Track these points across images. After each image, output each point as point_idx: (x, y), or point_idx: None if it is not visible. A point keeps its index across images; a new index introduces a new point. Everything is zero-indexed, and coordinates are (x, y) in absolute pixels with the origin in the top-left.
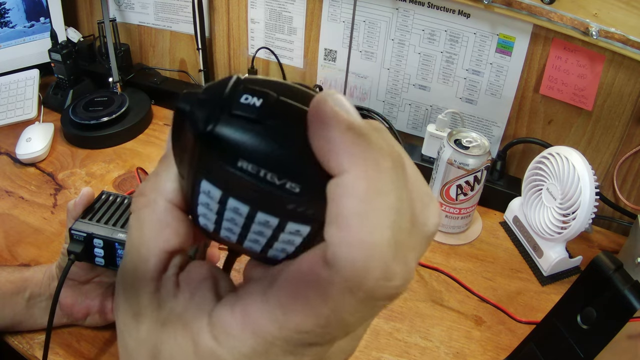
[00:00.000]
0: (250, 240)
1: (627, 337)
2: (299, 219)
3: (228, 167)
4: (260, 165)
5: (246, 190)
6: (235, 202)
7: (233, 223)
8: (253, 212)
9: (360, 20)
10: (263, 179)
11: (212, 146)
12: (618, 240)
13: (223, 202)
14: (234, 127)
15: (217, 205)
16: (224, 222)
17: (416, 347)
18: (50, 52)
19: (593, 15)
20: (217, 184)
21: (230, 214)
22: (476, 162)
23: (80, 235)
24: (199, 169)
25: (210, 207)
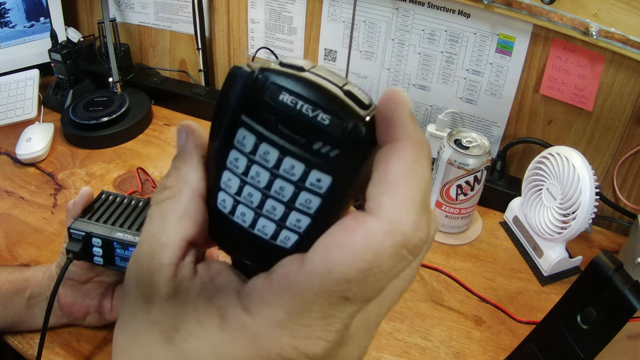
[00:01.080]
0: (266, 211)
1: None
2: (322, 166)
3: (270, 100)
4: (299, 97)
5: (280, 129)
6: (265, 147)
7: (255, 183)
8: (281, 157)
9: (360, 20)
10: (298, 113)
11: (259, 83)
12: (618, 240)
13: (254, 150)
14: (281, 70)
15: (246, 160)
16: (246, 187)
17: (416, 347)
18: (50, 52)
19: (593, 15)
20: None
21: (256, 169)
22: (476, 162)
23: (79, 235)
24: (241, 112)
25: (237, 166)
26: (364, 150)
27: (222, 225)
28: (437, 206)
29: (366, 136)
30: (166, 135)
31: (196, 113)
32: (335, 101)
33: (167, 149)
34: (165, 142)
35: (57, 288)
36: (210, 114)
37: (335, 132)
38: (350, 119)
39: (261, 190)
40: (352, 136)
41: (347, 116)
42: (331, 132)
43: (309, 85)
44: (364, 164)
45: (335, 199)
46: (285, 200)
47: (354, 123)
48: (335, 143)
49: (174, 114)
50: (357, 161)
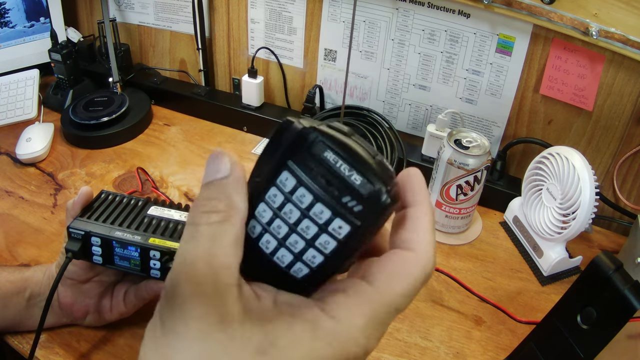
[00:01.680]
0: (289, 243)
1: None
2: (346, 216)
3: (316, 154)
4: (340, 157)
5: (318, 179)
6: (303, 190)
7: (286, 218)
8: (313, 201)
9: (360, 20)
10: (337, 170)
11: (310, 138)
12: (618, 240)
13: (292, 191)
14: (328, 132)
15: (283, 198)
16: (276, 220)
17: (416, 347)
18: (50, 52)
19: (593, 15)
20: (299, 169)
21: (290, 207)
22: (476, 162)
23: (78, 234)
24: (287, 159)
25: (275, 201)
26: (383, 211)
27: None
28: (437, 206)
29: (386, 200)
30: (166, 135)
31: (196, 113)
32: (367, 167)
33: (167, 149)
34: (165, 142)
35: (56, 286)
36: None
37: (363, 192)
38: (378, 184)
39: (289, 225)
40: (376, 198)
41: (375, 181)
42: (360, 191)
43: (349, 149)
44: (382, 222)
45: (348, 246)
46: (308, 238)
47: (380, 188)
48: (361, 200)
49: (174, 114)
50: (374, 219)
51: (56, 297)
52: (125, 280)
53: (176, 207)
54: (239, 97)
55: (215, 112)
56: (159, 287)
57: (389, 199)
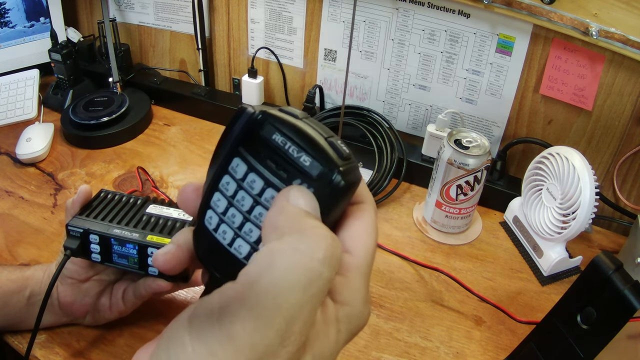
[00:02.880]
0: (244, 232)
1: (627, 337)
2: None
3: (265, 138)
4: (288, 139)
5: (268, 163)
6: (253, 176)
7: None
8: (264, 187)
9: (360, 20)
10: (285, 152)
11: (259, 122)
12: (618, 240)
13: (244, 177)
14: (278, 115)
15: (235, 185)
16: (231, 209)
17: (416, 347)
18: (50, 52)
19: (593, 15)
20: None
21: (242, 194)
22: (476, 162)
23: (76, 231)
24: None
25: (227, 189)
26: (336, 193)
27: (205, 240)
28: (437, 206)
29: (339, 181)
30: (166, 136)
31: (196, 113)
32: (317, 147)
33: (167, 149)
34: (165, 142)
35: (54, 282)
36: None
37: (313, 173)
38: (328, 164)
39: (243, 214)
40: (327, 178)
41: (325, 161)
42: (310, 172)
43: (298, 130)
44: (335, 205)
45: None
46: (261, 225)
47: (330, 168)
48: (312, 182)
49: (174, 114)
50: (329, 201)
51: (56, 296)
52: (124, 279)
53: (175, 206)
54: (239, 97)
55: (215, 112)
56: (157, 284)
57: (341, 180)
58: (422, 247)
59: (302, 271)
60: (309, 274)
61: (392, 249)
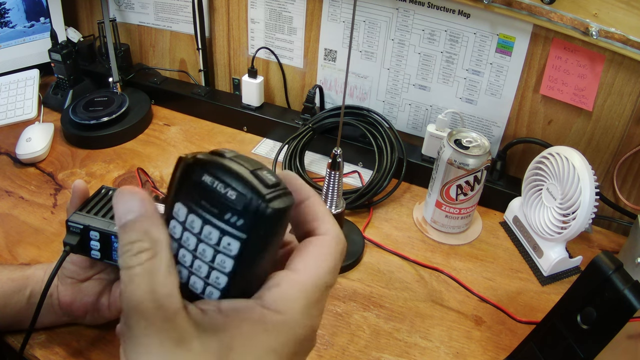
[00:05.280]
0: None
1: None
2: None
3: (196, 181)
4: (215, 178)
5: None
6: (192, 217)
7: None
8: (202, 225)
9: (360, 20)
10: (214, 190)
11: (190, 167)
12: (618, 240)
13: (185, 220)
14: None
15: (181, 228)
16: (181, 250)
17: (416, 347)
18: (50, 52)
19: (593, 15)
20: (185, 200)
21: (187, 235)
22: (476, 162)
23: (76, 228)
24: (177, 191)
25: (175, 232)
26: (265, 220)
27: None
28: (437, 206)
29: (264, 209)
30: (166, 135)
31: (196, 113)
32: (240, 180)
33: (167, 149)
34: (165, 142)
35: (53, 278)
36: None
37: (239, 205)
38: (251, 194)
39: (191, 253)
40: (253, 208)
41: (248, 192)
42: (236, 205)
43: (223, 168)
44: (271, 233)
45: (245, 261)
46: (207, 261)
47: (254, 198)
48: (240, 214)
49: (174, 114)
50: (262, 228)
51: (56, 296)
52: None
53: None
54: (239, 97)
55: (215, 112)
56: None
57: (267, 207)
58: (422, 247)
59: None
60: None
61: (392, 249)
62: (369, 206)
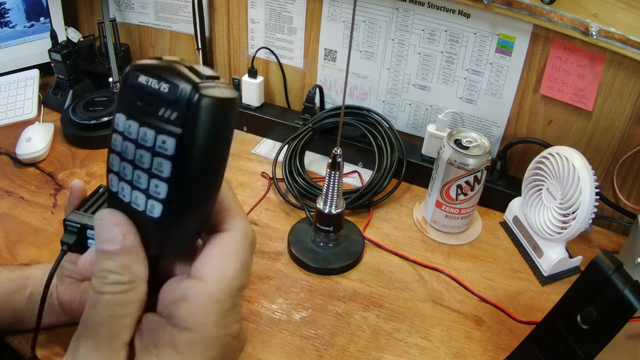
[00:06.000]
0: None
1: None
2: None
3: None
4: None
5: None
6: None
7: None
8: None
9: (360, 20)
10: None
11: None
12: (618, 240)
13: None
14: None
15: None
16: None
17: (416, 347)
18: (50, 52)
19: (593, 15)
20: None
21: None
22: (476, 162)
23: (74, 226)
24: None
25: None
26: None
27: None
28: (437, 206)
29: (198, 98)
30: None
31: None
32: (172, 72)
33: None
34: None
35: (52, 277)
36: None
37: (171, 97)
38: (183, 83)
39: (130, 162)
40: (185, 98)
41: (180, 82)
42: (168, 98)
43: (157, 66)
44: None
45: (183, 163)
46: (146, 167)
47: (185, 87)
48: (173, 106)
49: None
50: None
51: (56, 295)
52: None
53: None
54: (239, 97)
55: None
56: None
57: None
58: (422, 247)
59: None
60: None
61: (392, 249)
62: (369, 206)
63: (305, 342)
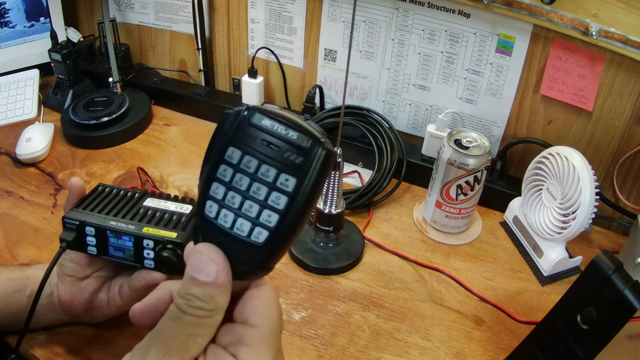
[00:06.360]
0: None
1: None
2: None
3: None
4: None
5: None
6: (249, 157)
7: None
8: (259, 164)
9: (360, 20)
10: (275, 132)
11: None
12: (618, 240)
13: (239, 161)
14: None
15: (232, 171)
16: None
17: (416, 347)
18: (50, 52)
19: (593, 15)
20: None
21: (239, 176)
22: (476, 162)
23: (73, 224)
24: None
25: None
26: (320, 160)
27: (207, 230)
28: (437, 206)
29: (321, 150)
30: (166, 136)
31: (196, 113)
32: (301, 125)
33: (167, 149)
34: (165, 142)
35: (49, 274)
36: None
37: (301, 144)
38: (312, 135)
39: (242, 193)
40: (312, 147)
41: (309, 134)
42: (298, 144)
43: (283, 114)
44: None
45: (298, 200)
46: (261, 199)
47: (314, 138)
48: (300, 152)
49: (174, 114)
50: (315, 168)
51: (56, 294)
52: (121, 275)
53: (172, 200)
54: (239, 97)
55: (215, 112)
56: (150, 276)
57: (323, 149)
58: (422, 247)
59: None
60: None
61: (392, 249)
62: (369, 206)
63: (305, 342)
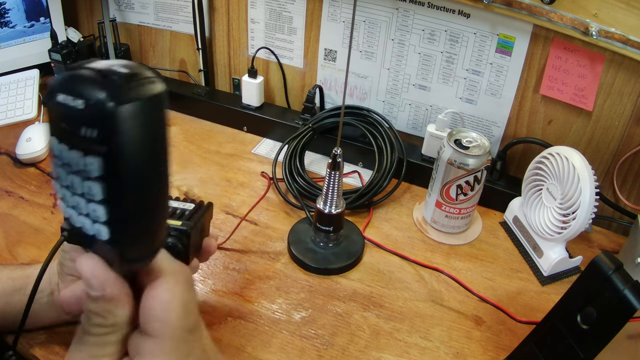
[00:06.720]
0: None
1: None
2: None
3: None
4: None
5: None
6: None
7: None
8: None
9: (360, 20)
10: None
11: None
12: (618, 240)
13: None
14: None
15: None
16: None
17: (416, 347)
18: (50, 52)
19: (593, 15)
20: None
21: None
22: (476, 162)
23: None
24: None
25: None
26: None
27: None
28: (437, 206)
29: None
30: None
31: (196, 113)
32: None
33: None
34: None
35: (47, 266)
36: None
37: (88, 113)
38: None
39: (67, 188)
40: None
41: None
42: (85, 114)
43: (71, 78)
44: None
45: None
46: (79, 192)
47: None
48: (91, 123)
49: (174, 114)
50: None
51: (57, 293)
52: None
53: (174, 200)
54: (239, 97)
55: (215, 112)
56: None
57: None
58: (422, 247)
59: None
60: None
61: (392, 249)
62: (369, 206)
63: (305, 342)
